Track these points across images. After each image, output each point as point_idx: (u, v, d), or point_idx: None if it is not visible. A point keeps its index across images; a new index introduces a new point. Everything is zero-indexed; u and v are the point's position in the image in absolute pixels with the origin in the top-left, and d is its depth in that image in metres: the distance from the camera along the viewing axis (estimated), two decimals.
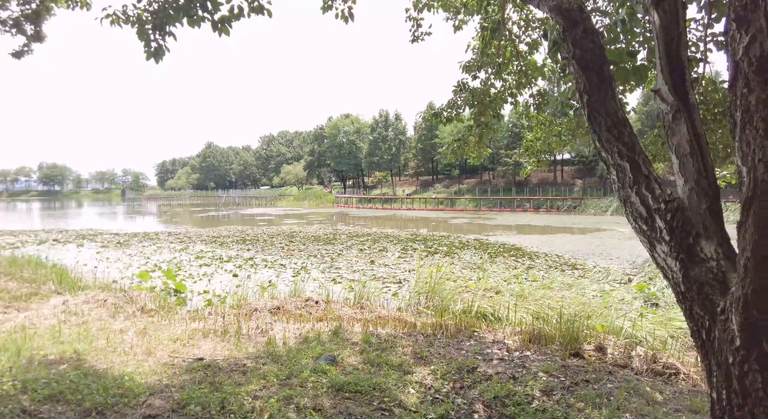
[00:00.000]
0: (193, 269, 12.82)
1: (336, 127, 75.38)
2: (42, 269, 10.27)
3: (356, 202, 60.06)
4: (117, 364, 4.38)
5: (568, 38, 2.07)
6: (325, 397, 3.62)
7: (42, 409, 3.09)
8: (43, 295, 7.69)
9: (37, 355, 4.49)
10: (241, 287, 8.98)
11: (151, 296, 7.84)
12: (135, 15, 4.53)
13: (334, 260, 14.47)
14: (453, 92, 6.72)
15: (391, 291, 9.89)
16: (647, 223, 1.69)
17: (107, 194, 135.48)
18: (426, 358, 4.80)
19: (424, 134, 64.04)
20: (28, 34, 7.21)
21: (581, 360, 4.94)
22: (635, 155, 1.78)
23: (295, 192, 78.93)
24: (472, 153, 7.15)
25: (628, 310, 7.16)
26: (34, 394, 3.30)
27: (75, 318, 6.25)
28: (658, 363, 4.81)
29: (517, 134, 53.93)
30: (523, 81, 6.53)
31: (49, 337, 5.23)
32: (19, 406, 3.03)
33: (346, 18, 5.65)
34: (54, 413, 3.08)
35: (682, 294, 1.58)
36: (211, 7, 4.26)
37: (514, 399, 3.77)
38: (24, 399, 3.18)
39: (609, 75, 1.96)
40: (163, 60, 4.50)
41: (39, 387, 3.41)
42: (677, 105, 1.62)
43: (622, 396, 3.88)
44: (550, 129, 6.40)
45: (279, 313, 6.80)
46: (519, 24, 6.65)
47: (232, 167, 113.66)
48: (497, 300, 7.64)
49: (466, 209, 51.60)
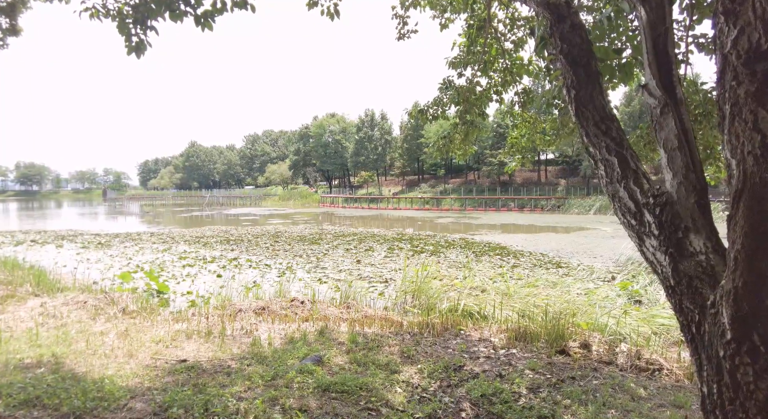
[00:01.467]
0: (177, 269, 12.62)
1: (321, 126, 75.05)
2: (19, 271, 9.99)
3: (342, 202, 59.88)
4: (97, 367, 4.27)
5: (555, 33, 2.06)
6: (311, 398, 3.58)
7: (17, 414, 2.98)
8: (19, 297, 7.47)
9: (12, 359, 4.35)
10: (226, 288, 8.86)
11: (133, 298, 7.68)
12: (115, 9, 4.43)
13: (319, 260, 14.38)
14: (439, 90, 6.72)
15: (378, 291, 9.85)
16: (636, 217, 1.68)
17: (88, 194, 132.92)
18: (413, 357, 4.78)
19: (410, 134, 64.13)
20: (3, 28, 7.00)
21: (567, 358, 4.97)
22: (623, 150, 1.77)
23: (281, 192, 78.39)
24: (458, 151, 7.16)
25: (612, 307, 7.24)
26: (8, 399, 3.18)
27: (53, 321, 6.09)
28: (642, 360, 4.87)
29: (502, 134, 54.36)
30: (508, 79, 6.56)
31: (25, 340, 5.08)
32: None
33: (332, 15, 5.60)
34: (29, 418, 2.97)
35: (672, 288, 1.58)
36: (193, 1, 4.17)
37: (501, 396, 3.77)
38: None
39: (596, 70, 1.95)
40: (144, 55, 4.40)
41: (14, 392, 3.30)
42: (665, 100, 1.62)
43: (607, 393, 3.91)
44: (535, 126, 6.44)
45: (264, 314, 6.71)
46: (504, 22, 6.68)
47: (216, 166, 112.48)
48: (483, 299, 7.66)
49: (451, 208, 51.83)
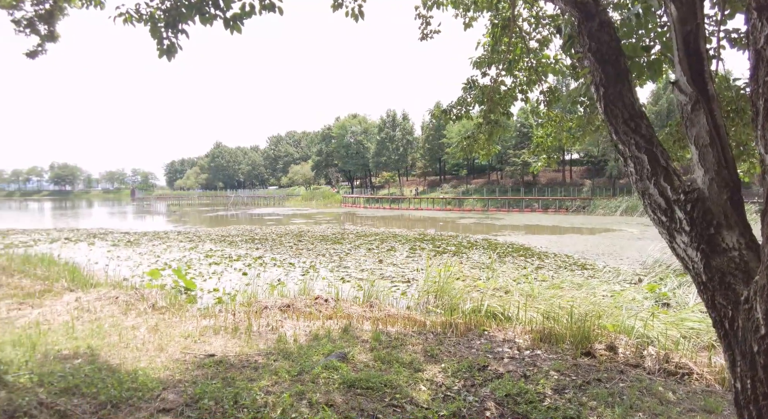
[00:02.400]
0: (203, 267, 12.91)
1: (343, 127, 75.48)
2: (54, 267, 10.40)
3: (364, 202, 60.09)
4: (130, 359, 4.43)
5: (583, 31, 2.06)
6: (337, 393, 3.63)
7: (58, 401, 3.13)
8: (56, 292, 7.78)
9: (51, 350, 4.55)
10: (251, 286, 9.03)
11: (162, 294, 7.91)
12: (148, 13, 4.57)
13: (342, 260, 14.49)
14: (462, 90, 6.71)
15: (400, 290, 9.89)
16: (666, 214, 1.67)
17: (117, 193, 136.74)
18: (436, 356, 4.79)
19: (431, 134, 63.93)
20: (42, 34, 7.29)
21: (592, 359, 4.91)
22: (653, 147, 1.76)
23: (303, 192, 79.16)
24: (481, 151, 7.13)
25: (639, 310, 7.10)
26: (50, 387, 3.34)
27: (87, 315, 6.32)
28: (671, 363, 4.77)
29: (526, 134, 53.67)
30: (533, 78, 6.50)
31: (62, 333, 5.29)
32: (36, 398, 3.07)
33: (356, 16, 5.65)
34: (70, 405, 3.11)
35: (704, 284, 1.56)
36: (223, 4, 4.28)
37: (526, 397, 3.75)
38: (41, 391, 3.22)
39: (625, 67, 1.94)
40: (175, 58, 4.53)
41: (55, 381, 3.46)
42: (696, 96, 1.61)
43: (634, 396, 3.85)
44: (561, 125, 6.36)
45: (289, 311, 6.82)
46: (529, 21, 6.62)
47: (240, 167, 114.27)
48: (507, 300, 7.60)
49: (474, 209, 51.45)
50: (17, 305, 6.73)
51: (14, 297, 7.25)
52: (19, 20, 7.13)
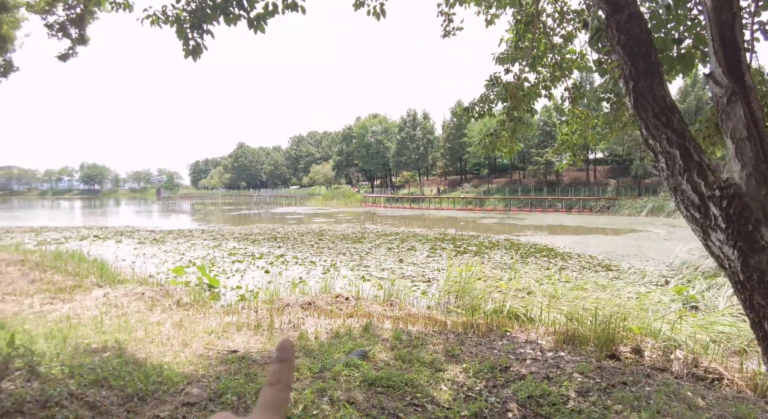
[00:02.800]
0: (226, 265, 13.11)
1: (364, 127, 75.66)
2: (84, 264, 10.71)
3: (384, 201, 60.12)
4: (155, 354, 4.52)
5: (612, 24, 2.00)
6: (358, 391, 3.64)
7: (88, 393, 3.21)
8: (85, 288, 8.01)
9: (81, 343, 4.68)
10: (273, 283, 9.13)
11: (186, 291, 8.06)
12: (174, 14, 4.66)
13: (362, 259, 14.52)
14: (485, 87, 6.63)
15: (420, 290, 9.85)
16: (700, 211, 1.61)
17: (143, 192, 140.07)
18: (457, 356, 4.75)
19: (452, 133, 63.52)
20: (73, 38, 7.52)
21: (617, 362, 4.80)
22: (685, 141, 1.70)
23: (324, 192, 79.67)
24: (504, 148, 7.03)
25: (666, 312, 6.90)
26: (80, 379, 3.44)
27: (115, 310, 6.49)
28: (700, 368, 4.62)
29: (549, 133, 52.86)
30: (557, 74, 6.38)
31: (92, 327, 5.45)
32: (67, 389, 3.16)
33: (378, 15, 5.65)
34: (99, 397, 3.20)
35: (741, 284, 1.50)
36: (247, 4, 4.33)
37: (549, 399, 3.69)
38: (71, 383, 3.32)
39: (656, 60, 1.88)
40: (200, 58, 4.60)
41: (84, 373, 3.55)
42: (732, 88, 1.55)
43: (661, 400, 3.75)
44: (586, 122, 6.22)
45: (310, 308, 6.87)
46: (553, 16, 6.51)
47: (263, 166, 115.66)
48: (529, 301, 7.50)
49: (495, 208, 50.91)
50: (50, 300, 6.95)
51: (47, 292, 7.50)
52: (51, 24, 7.37)
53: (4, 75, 7.92)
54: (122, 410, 3.12)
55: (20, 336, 4.29)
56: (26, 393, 3.05)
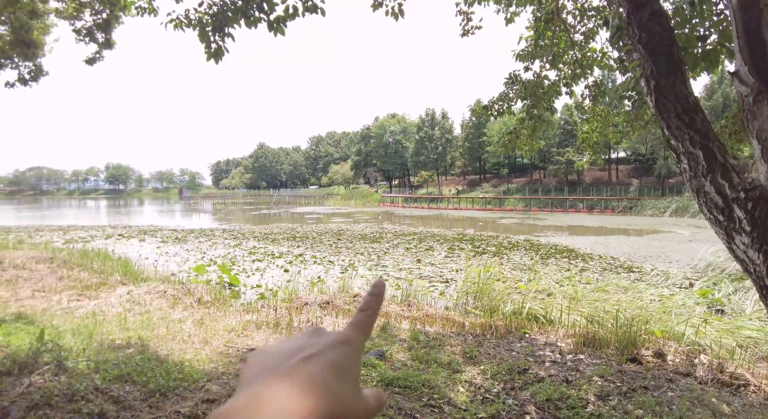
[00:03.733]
0: (247, 264, 13.29)
1: (382, 127, 75.70)
2: (109, 262, 10.99)
3: (402, 201, 60.06)
4: (176, 351, 4.61)
5: (633, 22, 1.97)
6: None
7: (112, 387, 3.30)
8: (110, 285, 8.23)
9: (106, 339, 4.81)
10: (292, 282, 9.21)
11: (207, 289, 8.19)
12: (196, 18, 4.74)
13: (380, 258, 14.55)
14: (504, 85, 6.57)
15: (438, 290, 9.82)
16: (724, 213, 1.57)
17: (166, 192, 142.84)
18: (475, 358, 4.73)
19: (471, 133, 63.09)
20: (100, 42, 7.73)
21: (639, 366, 4.71)
22: (709, 142, 1.66)
23: (342, 191, 80.00)
24: (524, 146, 6.94)
25: (690, 316, 6.73)
26: (105, 374, 3.54)
27: (138, 307, 6.64)
28: (725, 373, 4.49)
29: (569, 131, 52.07)
30: (578, 72, 6.28)
31: (116, 323, 5.59)
32: (92, 384, 3.26)
33: (396, 15, 5.65)
34: (122, 392, 3.28)
35: (766, 289, 1.46)
36: (267, 7, 4.38)
37: (568, 402, 3.64)
38: (96, 377, 3.42)
39: (679, 59, 1.84)
40: (222, 60, 4.68)
41: (109, 368, 3.65)
42: (758, 87, 1.51)
43: (684, 406, 3.66)
44: (607, 120, 6.10)
45: (328, 307, 6.92)
46: (574, 14, 6.41)
47: (282, 167, 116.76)
48: (549, 302, 7.40)
49: (515, 209, 50.37)
50: (77, 297, 7.16)
51: (74, 289, 7.73)
52: (79, 29, 7.59)
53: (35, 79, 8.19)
54: (144, 405, 3.20)
55: (49, 332, 4.43)
56: (54, 387, 3.15)
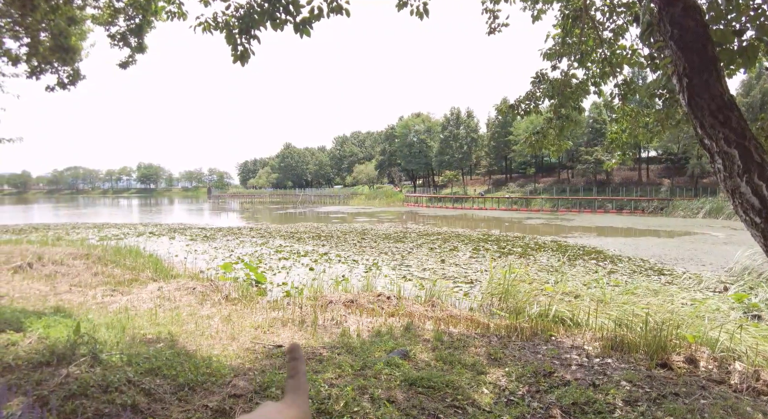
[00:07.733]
0: (273, 262, 13.50)
1: (407, 126, 75.52)
2: (140, 259, 11.34)
3: (426, 201, 59.84)
4: (204, 346, 4.73)
5: (664, 18, 1.92)
6: (398, 390, 3.66)
7: (143, 380, 3.41)
8: (141, 281, 8.49)
9: (138, 334, 4.97)
10: (317, 281, 9.31)
11: (235, 286, 8.36)
12: (223, 21, 4.84)
13: (404, 258, 14.54)
14: (531, 83, 6.47)
15: (462, 291, 9.76)
16: (761, 215, 1.51)
17: (195, 191, 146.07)
18: (500, 359, 4.68)
19: (497, 132, 62.29)
20: (132, 46, 7.97)
21: (669, 372, 4.57)
22: (745, 140, 1.60)
23: (367, 191, 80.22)
24: (552, 146, 6.81)
25: (724, 321, 6.49)
26: (136, 367, 3.66)
27: (168, 303, 6.83)
28: (761, 381, 4.32)
29: (598, 130, 50.86)
30: (607, 70, 6.13)
31: (147, 318, 5.76)
32: (125, 376, 3.38)
33: (421, 14, 5.63)
34: (153, 384, 3.39)
35: None
36: (293, 9, 4.44)
37: (594, 406, 3.56)
38: (129, 370, 3.53)
39: (713, 55, 1.78)
40: (248, 62, 4.76)
41: (140, 362, 3.77)
42: None
43: (717, 414, 3.53)
44: (637, 120, 5.93)
45: (352, 306, 6.96)
46: (602, 10, 6.26)
47: (308, 166, 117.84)
48: (576, 305, 7.26)
49: (542, 209, 49.53)
50: (110, 292, 7.41)
51: (108, 285, 8.00)
52: (114, 34, 7.85)
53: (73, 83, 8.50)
54: (174, 398, 3.29)
55: (85, 325, 4.60)
56: (90, 378, 3.28)
